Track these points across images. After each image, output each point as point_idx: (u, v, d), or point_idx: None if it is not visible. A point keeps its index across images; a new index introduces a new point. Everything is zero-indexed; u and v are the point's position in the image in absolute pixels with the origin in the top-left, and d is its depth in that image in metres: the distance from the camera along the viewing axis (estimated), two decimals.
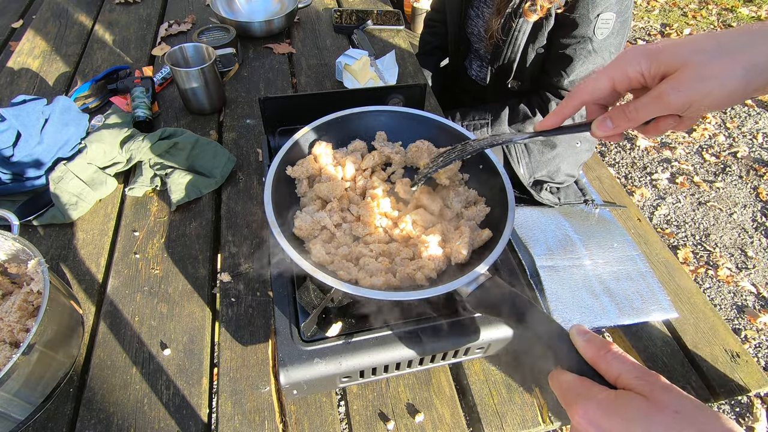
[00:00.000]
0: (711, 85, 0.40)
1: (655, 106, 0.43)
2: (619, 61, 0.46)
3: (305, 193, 0.74)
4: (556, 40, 1.14)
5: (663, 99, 0.42)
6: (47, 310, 0.62)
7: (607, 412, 0.37)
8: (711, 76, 0.40)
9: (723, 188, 2.32)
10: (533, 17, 1.11)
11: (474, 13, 1.29)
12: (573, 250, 1.10)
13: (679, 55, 0.41)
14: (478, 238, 0.65)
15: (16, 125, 0.96)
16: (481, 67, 1.40)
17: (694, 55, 0.41)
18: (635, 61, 0.44)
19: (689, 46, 0.41)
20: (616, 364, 0.39)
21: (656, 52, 0.43)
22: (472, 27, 1.32)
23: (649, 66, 0.43)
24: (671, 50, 0.42)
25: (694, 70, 0.40)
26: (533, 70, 1.23)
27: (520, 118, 1.26)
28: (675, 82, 0.41)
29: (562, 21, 1.10)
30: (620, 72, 0.45)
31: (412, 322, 0.64)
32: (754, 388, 0.91)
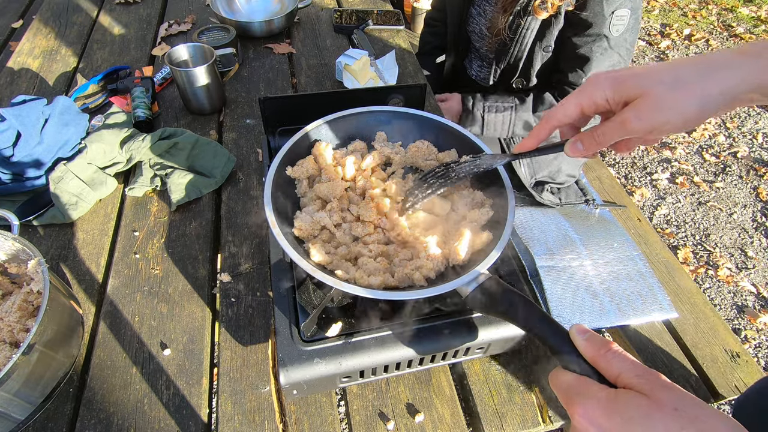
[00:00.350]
0: (669, 114, 0.45)
1: (620, 131, 0.48)
2: (587, 87, 0.50)
3: (305, 193, 0.74)
4: (568, 39, 1.13)
5: (626, 125, 0.47)
6: (47, 310, 0.62)
7: (607, 410, 0.37)
8: (668, 106, 0.45)
9: (723, 188, 2.32)
10: (543, 15, 1.10)
11: (476, 11, 1.29)
12: (573, 250, 1.10)
13: (640, 85, 0.46)
14: (478, 240, 0.65)
15: (16, 125, 0.96)
16: (481, 67, 1.40)
17: (653, 86, 0.45)
18: (601, 88, 0.49)
19: (650, 78, 0.46)
20: (617, 363, 0.39)
21: (620, 81, 0.48)
22: (473, 25, 1.31)
23: (614, 93, 0.48)
24: (634, 81, 0.47)
25: (653, 100, 0.45)
26: (540, 70, 1.22)
27: (546, 105, 1.24)
28: (636, 111, 0.46)
29: (574, 20, 1.09)
30: (587, 98, 0.50)
31: (412, 322, 0.64)
32: None
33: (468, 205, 0.72)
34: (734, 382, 0.91)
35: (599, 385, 0.39)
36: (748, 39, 3.33)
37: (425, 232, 0.69)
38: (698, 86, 0.44)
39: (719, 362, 0.95)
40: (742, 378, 0.92)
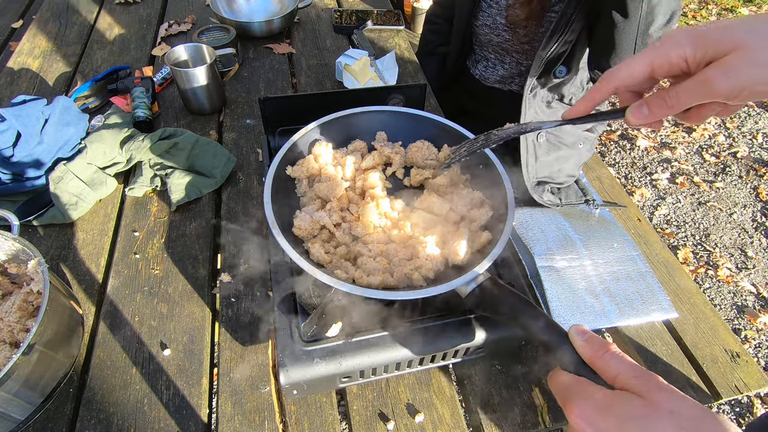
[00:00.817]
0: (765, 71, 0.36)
1: (700, 92, 0.39)
2: (662, 44, 0.41)
3: (305, 192, 0.74)
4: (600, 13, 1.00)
5: (709, 85, 0.38)
6: (47, 310, 0.62)
7: (602, 411, 0.37)
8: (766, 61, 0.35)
9: (723, 188, 2.32)
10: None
11: (486, 4, 1.25)
12: (573, 250, 1.10)
13: (731, 37, 0.37)
14: (477, 240, 0.65)
15: (16, 125, 0.96)
16: (486, 67, 1.38)
17: (748, 37, 0.36)
18: (679, 45, 0.39)
19: (743, 27, 0.37)
20: (614, 364, 0.39)
21: (704, 35, 0.38)
22: (484, 19, 1.27)
23: (695, 50, 0.39)
24: (721, 32, 0.38)
25: (747, 53, 0.36)
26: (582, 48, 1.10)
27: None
28: (724, 67, 0.37)
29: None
30: (661, 56, 0.41)
31: (412, 322, 0.64)
32: (754, 388, 0.91)
33: (467, 205, 0.72)
34: (734, 382, 0.91)
35: (596, 386, 0.39)
36: None
37: (425, 232, 0.69)
38: None
39: (719, 362, 0.95)
40: (742, 378, 0.92)
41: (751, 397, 1.63)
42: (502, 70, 1.33)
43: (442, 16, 1.46)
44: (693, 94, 0.39)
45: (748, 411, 1.61)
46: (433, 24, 1.50)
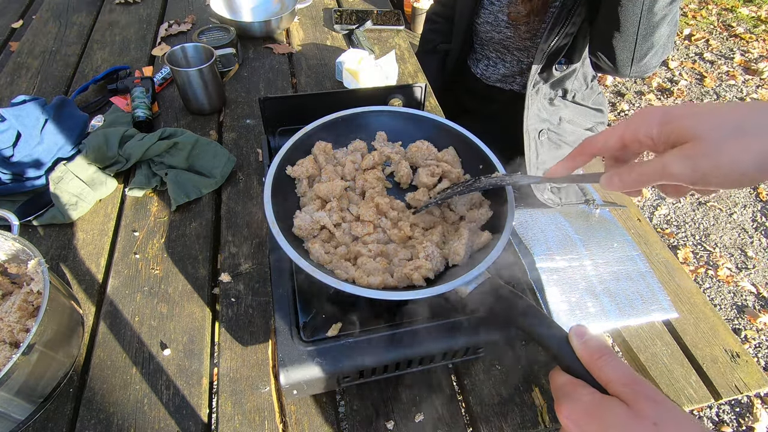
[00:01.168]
0: (718, 163, 0.38)
1: (659, 175, 0.42)
2: (634, 120, 0.44)
3: (305, 192, 0.74)
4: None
5: (667, 170, 0.41)
6: (47, 310, 0.62)
7: (588, 415, 0.38)
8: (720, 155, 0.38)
9: None
10: None
11: (487, 2, 1.25)
12: (573, 251, 1.10)
13: (694, 128, 0.39)
14: (477, 240, 0.65)
15: (16, 125, 0.96)
16: (487, 66, 1.38)
17: (707, 130, 0.39)
18: (648, 124, 0.43)
19: (705, 120, 0.39)
20: (607, 370, 0.40)
21: (671, 120, 0.41)
22: (485, 16, 1.27)
23: (660, 133, 0.42)
24: (686, 122, 0.40)
25: (704, 147, 0.38)
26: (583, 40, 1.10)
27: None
28: (682, 155, 0.40)
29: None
30: (631, 132, 0.44)
31: (412, 322, 0.64)
32: (754, 388, 0.91)
33: (466, 205, 0.72)
34: (734, 382, 0.91)
35: (588, 389, 0.40)
36: (748, 39, 3.33)
37: (424, 232, 0.69)
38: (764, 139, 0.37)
39: (719, 362, 0.95)
40: (742, 378, 0.92)
41: (751, 397, 1.63)
42: (503, 68, 1.33)
43: (443, 15, 1.46)
44: (654, 175, 0.42)
45: (748, 411, 1.61)
46: (434, 23, 1.50)
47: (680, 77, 2.98)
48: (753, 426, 1.56)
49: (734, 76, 2.99)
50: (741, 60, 3.14)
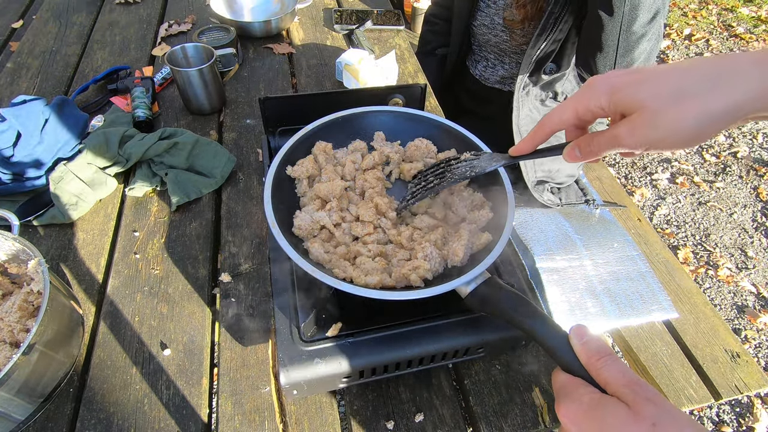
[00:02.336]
0: (664, 132, 0.41)
1: (612, 145, 0.45)
2: (584, 93, 0.47)
3: (305, 192, 0.74)
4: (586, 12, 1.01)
5: (618, 140, 0.44)
6: (47, 310, 0.62)
7: (588, 415, 0.38)
8: (664, 124, 0.40)
9: (723, 188, 2.32)
10: None
11: (484, 4, 1.26)
12: (573, 251, 1.10)
13: (636, 98, 0.42)
14: (478, 242, 0.65)
15: (16, 125, 0.96)
16: (486, 67, 1.38)
17: (650, 100, 0.41)
18: (597, 96, 0.45)
19: (649, 88, 0.42)
20: (606, 371, 0.40)
21: (616, 90, 0.44)
22: (482, 18, 1.28)
23: (609, 104, 0.45)
24: (630, 91, 0.43)
25: (648, 116, 0.41)
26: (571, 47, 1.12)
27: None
28: (630, 127, 0.43)
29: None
30: (583, 105, 0.47)
31: (412, 322, 0.64)
32: (754, 388, 0.91)
33: (467, 206, 0.72)
34: (734, 382, 0.91)
35: (588, 388, 0.40)
36: (748, 39, 3.33)
37: (424, 233, 0.69)
38: (698, 102, 0.39)
39: (719, 362, 0.95)
40: (742, 378, 0.92)
41: (751, 397, 1.63)
42: (502, 70, 1.33)
43: (441, 16, 1.46)
44: (608, 146, 0.46)
45: (748, 411, 1.61)
46: (432, 24, 1.50)
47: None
48: (753, 426, 1.56)
49: None
50: None
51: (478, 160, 0.65)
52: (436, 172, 0.69)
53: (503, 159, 0.62)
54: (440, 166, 0.69)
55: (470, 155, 0.68)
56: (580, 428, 0.39)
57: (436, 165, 0.70)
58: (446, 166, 0.68)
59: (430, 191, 0.67)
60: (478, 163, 0.65)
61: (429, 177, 0.69)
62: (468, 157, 0.67)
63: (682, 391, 0.91)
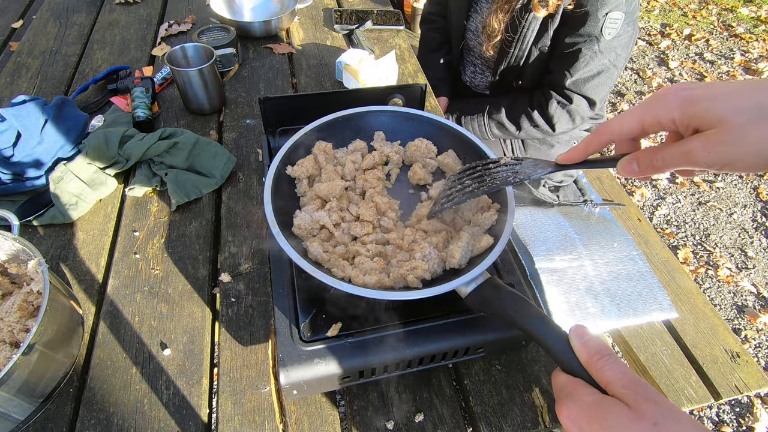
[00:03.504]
0: (744, 151, 0.37)
1: (683, 161, 0.41)
2: (653, 104, 0.43)
3: (305, 192, 0.74)
4: (561, 38, 1.12)
5: (692, 156, 0.40)
6: (47, 310, 0.62)
7: (588, 415, 0.39)
8: (746, 142, 0.37)
9: (723, 188, 2.32)
10: (542, 12, 1.08)
11: (473, 9, 1.27)
12: (573, 251, 1.10)
13: (715, 112, 0.39)
14: (478, 244, 0.64)
15: (16, 125, 0.96)
16: (474, 73, 1.39)
17: (730, 115, 0.38)
18: (668, 108, 0.42)
19: (728, 103, 0.38)
20: (606, 371, 0.40)
21: (692, 103, 0.40)
22: (470, 23, 1.30)
23: (682, 116, 0.41)
24: (708, 105, 0.39)
25: (728, 133, 0.38)
26: (536, 70, 1.22)
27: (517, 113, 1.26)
28: (706, 143, 0.39)
29: (569, 18, 1.09)
30: (651, 116, 0.43)
31: (412, 322, 0.64)
32: (754, 388, 0.91)
33: (473, 209, 0.71)
34: (734, 382, 0.91)
35: (588, 389, 0.41)
36: (748, 39, 3.33)
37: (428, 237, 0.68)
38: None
39: (719, 362, 0.95)
40: (742, 378, 0.92)
41: (751, 397, 1.63)
42: (491, 76, 1.33)
43: (438, 14, 1.46)
44: (677, 162, 0.42)
45: (748, 411, 1.61)
46: (431, 23, 1.51)
47: (680, 77, 2.98)
48: (753, 426, 1.56)
49: (734, 77, 2.99)
50: (741, 60, 3.14)
51: (521, 166, 0.60)
52: (473, 175, 0.64)
53: (549, 167, 0.57)
54: (476, 168, 0.65)
55: (511, 160, 0.63)
56: (581, 429, 0.39)
57: (471, 168, 0.66)
58: (484, 170, 0.63)
59: (470, 195, 0.62)
60: (521, 169, 0.60)
61: (465, 180, 0.64)
62: (509, 162, 0.62)
63: (682, 391, 0.91)
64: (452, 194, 0.64)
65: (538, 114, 1.23)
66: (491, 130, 1.32)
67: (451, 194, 0.65)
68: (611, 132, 0.47)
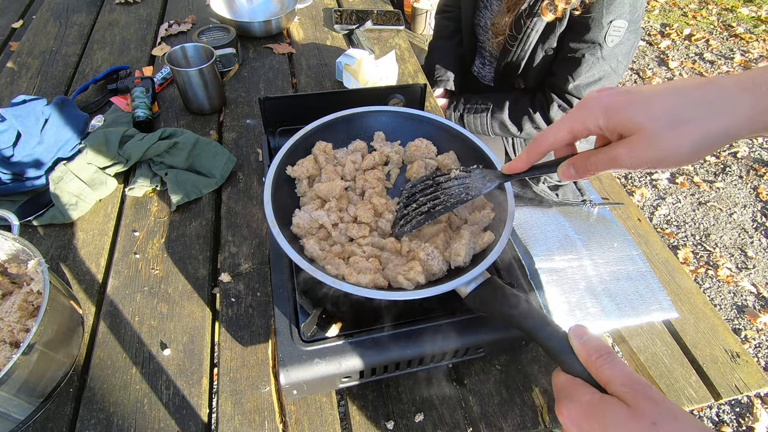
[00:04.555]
0: (662, 154, 0.42)
1: (610, 165, 0.46)
2: (579, 112, 0.48)
3: (305, 192, 0.74)
4: (566, 42, 1.13)
5: (617, 161, 0.45)
6: (47, 310, 0.62)
7: (588, 415, 0.39)
8: (663, 146, 0.42)
9: (723, 188, 2.32)
10: (549, 16, 1.09)
11: (482, 5, 1.28)
12: (573, 251, 1.10)
13: (635, 120, 0.43)
14: (480, 241, 0.65)
15: (16, 125, 0.96)
16: (483, 65, 1.39)
17: (648, 123, 0.42)
18: (594, 116, 0.46)
19: (646, 112, 0.43)
20: (606, 370, 0.40)
21: (614, 111, 0.45)
22: (479, 18, 1.30)
23: (607, 123, 0.45)
24: (628, 113, 0.44)
25: (646, 139, 0.42)
26: (539, 71, 1.23)
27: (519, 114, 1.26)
28: (629, 148, 0.44)
29: (575, 24, 1.10)
30: (580, 124, 0.48)
31: (412, 322, 0.64)
32: (754, 388, 0.91)
33: (469, 208, 0.72)
34: (734, 382, 0.91)
35: (587, 389, 0.41)
36: (748, 39, 3.33)
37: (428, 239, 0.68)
38: (696, 126, 0.41)
39: (719, 362, 0.95)
40: (742, 378, 0.92)
41: (751, 397, 1.63)
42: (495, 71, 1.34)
43: (453, 4, 1.47)
44: (606, 166, 0.47)
45: (748, 411, 1.61)
46: (446, 12, 1.51)
47: (680, 77, 2.98)
48: (753, 426, 1.56)
49: None
50: (741, 60, 3.14)
51: (470, 178, 0.64)
52: (426, 192, 0.66)
53: (497, 178, 0.61)
54: (428, 184, 0.67)
55: (460, 171, 0.65)
56: (581, 428, 0.39)
57: (422, 182, 0.68)
58: (436, 186, 0.66)
59: (428, 217, 0.63)
60: (471, 182, 0.63)
61: (419, 197, 0.66)
62: (459, 175, 0.65)
63: (682, 391, 0.91)
64: (409, 213, 0.66)
65: (540, 116, 1.24)
66: (493, 129, 1.32)
67: (408, 213, 0.66)
68: (547, 141, 0.52)
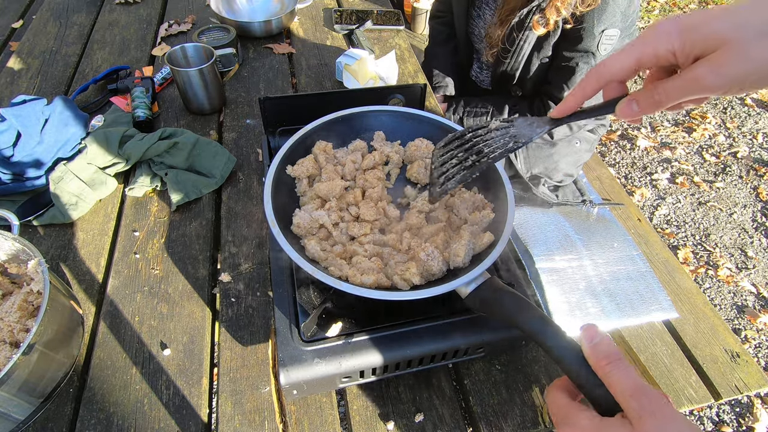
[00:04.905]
0: (752, 67, 0.35)
1: (690, 90, 0.38)
2: (649, 37, 0.40)
3: (305, 192, 0.74)
4: (560, 51, 1.14)
5: (700, 82, 0.37)
6: (47, 310, 0.62)
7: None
8: (753, 57, 0.35)
9: (723, 188, 2.32)
10: (541, 30, 1.10)
11: (475, 14, 1.28)
12: (573, 251, 1.10)
13: (719, 32, 0.36)
14: (480, 242, 0.64)
15: (16, 125, 0.96)
16: (480, 70, 1.39)
17: (735, 32, 0.35)
18: (667, 38, 0.39)
19: (730, 21, 0.36)
20: (615, 378, 0.39)
21: (692, 29, 0.37)
22: (472, 27, 1.31)
23: (683, 45, 0.38)
24: (710, 27, 0.37)
25: (736, 50, 0.35)
26: (536, 78, 1.23)
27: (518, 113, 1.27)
28: (714, 65, 0.36)
29: (568, 33, 1.10)
30: (650, 50, 0.40)
31: (412, 322, 0.64)
32: (754, 388, 0.91)
33: (469, 208, 0.71)
34: (734, 382, 0.91)
35: (587, 413, 0.40)
36: None
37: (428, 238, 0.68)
38: None
39: (719, 362, 0.95)
40: (742, 378, 0.92)
41: (751, 397, 1.63)
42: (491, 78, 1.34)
43: (444, 10, 1.47)
44: (683, 91, 0.39)
45: (748, 411, 1.61)
46: (438, 18, 1.51)
47: None
48: (753, 426, 1.56)
49: None
50: None
51: (515, 127, 0.54)
52: (466, 146, 0.57)
53: (545, 124, 0.52)
54: (465, 138, 0.58)
55: (500, 122, 0.56)
56: None
57: (457, 138, 0.59)
58: (475, 138, 0.57)
59: (474, 170, 0.55)
60: (516, 131, 0.54)
61: (458, 153, 0.57)
62: (500, 125, 0.56)
63: (682, 391, 0.91)
64: (448, 170, 0.57)
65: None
66: None
67: (447, 170, 0.57)
68: (609, 71, 0.44)
